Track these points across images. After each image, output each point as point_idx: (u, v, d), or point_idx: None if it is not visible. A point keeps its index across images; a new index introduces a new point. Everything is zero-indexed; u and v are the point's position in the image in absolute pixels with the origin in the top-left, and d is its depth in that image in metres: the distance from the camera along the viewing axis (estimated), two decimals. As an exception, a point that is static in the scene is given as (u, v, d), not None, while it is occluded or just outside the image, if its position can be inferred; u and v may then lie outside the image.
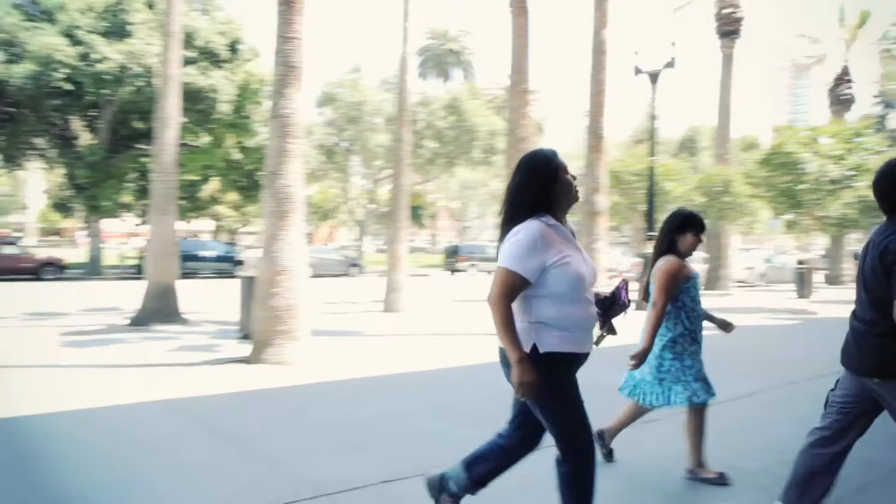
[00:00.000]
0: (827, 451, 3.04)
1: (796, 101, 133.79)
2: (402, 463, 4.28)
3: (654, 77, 15.55)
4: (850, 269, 27.95)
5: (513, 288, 2.62)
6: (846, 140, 16.34)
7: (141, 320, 11.13)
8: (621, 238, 46.51)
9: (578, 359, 2.73)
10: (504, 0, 17.91)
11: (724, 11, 24.51)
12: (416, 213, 44.71)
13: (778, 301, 18.15)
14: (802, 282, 18.52)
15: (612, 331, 3.04)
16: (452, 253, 36.17)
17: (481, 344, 9.71)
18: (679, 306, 3.91)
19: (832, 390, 3.14)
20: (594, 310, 2.81)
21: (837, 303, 17.37)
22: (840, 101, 28.73)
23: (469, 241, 52.92)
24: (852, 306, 2.98)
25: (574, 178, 2.83)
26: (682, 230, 3.92)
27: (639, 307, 6.63)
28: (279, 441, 4.80)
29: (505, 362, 2.76)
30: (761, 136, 47.21)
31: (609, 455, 4.36)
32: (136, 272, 24.03)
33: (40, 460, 4.34)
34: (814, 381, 7.01)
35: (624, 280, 2.97)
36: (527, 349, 2.62)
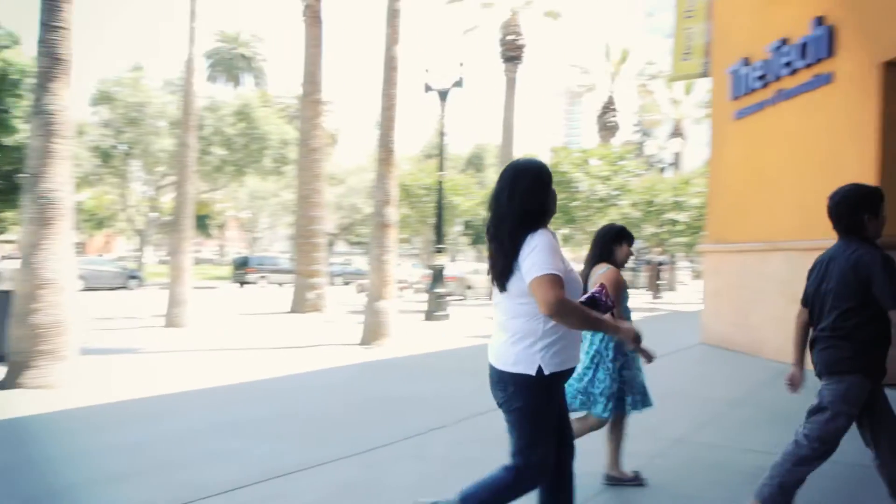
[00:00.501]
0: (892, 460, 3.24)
1: (571, 125, 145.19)
2: (185, 487, 4.00)
3: (443, 95, 16.12)
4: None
5: (561, 286, 2.49)
6: (612, 163, 18.04)
7: None
8: (412, 250, 47.59)
9: (570, 373, 2.74)
10: (298, 8, 17.74)
11: (508, 38, 26.06)
12: (203, 223, 42.60)
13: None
14: (575, 291, 20.04)
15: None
16: (241, 264, 34.88)
17: (272, 358, 9.42)
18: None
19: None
20: None
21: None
22: (607, 127, 31.69)
23: (260, 252, 51.35)
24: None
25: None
26: (619, 241, 4.10)
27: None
28: (39, 474, 4.30)
29: (496, 386, 2.71)
30: (542, 155, 50.62)
31: (638, 479, 4.18)
32: None
33: None
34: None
35: (602, 284, 2.94)
36: (531, 372, 2.58)
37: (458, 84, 16.06)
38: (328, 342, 11.11)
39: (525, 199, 2.65)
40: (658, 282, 24.89)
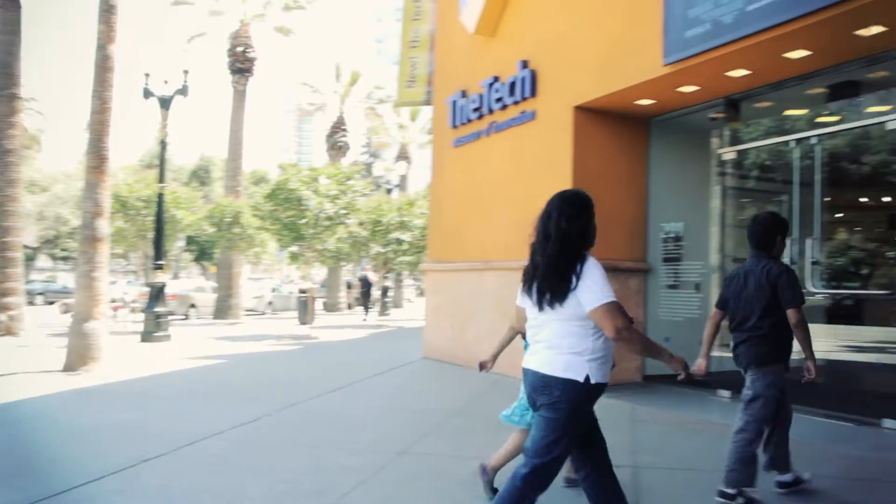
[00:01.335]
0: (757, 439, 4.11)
1: (302, 142, 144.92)
2: None
3: (165, 102, 15.21)
4: (344, 296, 31.15)
5: (623, 313, 2.88)
6: (340, 182, 18.25)
7: None
8: (128, 267, 44.00)
9: (604, 389, 2.99)
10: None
11: (238, 49, 25.34)
12: None
13: (283, 328, 19.23)
14: (305, 309, 19.99)
15: None
16: None
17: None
18: None
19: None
20: None
21: (335, 328, 19.17)
22: (337, 147, 32.10)
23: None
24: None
25: None
26: None
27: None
28: None
29: (541, 391, 2.95)
30: (271, 171, 49.81)
31: (493, 489, 4.12)
32: None
33: None
34: (312, 400, 7.59)
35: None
36: (580, 379, 2.86)
37: (183, 92, 15.27)
38: (23, 369, 9.83)
39: (570, 225, 2.97)
40: (385, 299, 25.74)
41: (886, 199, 9.17)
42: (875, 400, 6.80)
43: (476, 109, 10.26)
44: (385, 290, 26.13)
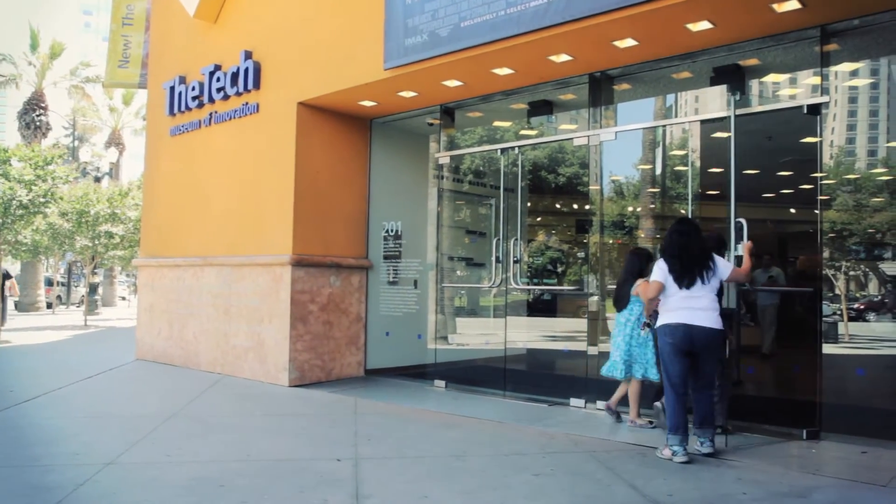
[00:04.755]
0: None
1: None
2: None
3: None
4: (43, 294, 27.85)
5: None
6: (38, 166, 16.25)
7: None
8: None
9: None
10: None
11: None
12: None
13: (-38, 332, 16.68)
14: (-10, 310, 17.50)
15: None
16: None
17: None
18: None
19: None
20: None
21: (32, 329, 17.04)
22: (34, 126, 28.49)
23: None
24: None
25: None
26: (648, 262, 6.09)
27: None
28: None
29: (711, 339, 4.90)
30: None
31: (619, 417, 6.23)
32: None
33: None
34: (2, 412, 6.71)
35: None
36: (722, 327, 4.99)
37: None
38: None
39: (704, 239, 5.22)
40: (94, 297, 23.49)
41: (576, 205, 10.45)
42: (564, 382, 7.71)
43: (196, 98, 9.78)
44: (93, 287, 23.86)
